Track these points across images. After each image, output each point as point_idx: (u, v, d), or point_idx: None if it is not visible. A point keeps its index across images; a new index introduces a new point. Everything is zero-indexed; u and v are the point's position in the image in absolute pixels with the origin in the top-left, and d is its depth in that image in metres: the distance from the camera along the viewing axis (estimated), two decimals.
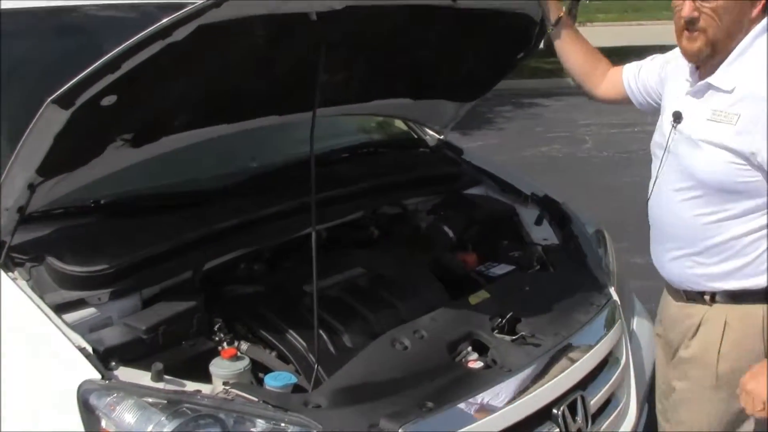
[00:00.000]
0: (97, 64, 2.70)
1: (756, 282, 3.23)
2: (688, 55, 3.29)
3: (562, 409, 3.38)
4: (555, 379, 3.42)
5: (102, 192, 3.61)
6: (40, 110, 2.76)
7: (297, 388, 3.16)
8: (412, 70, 4.28)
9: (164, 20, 2.75)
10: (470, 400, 3.20)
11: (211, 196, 3.88)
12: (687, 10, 3.15)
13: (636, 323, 4.34)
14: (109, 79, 2.74)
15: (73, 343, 2.90)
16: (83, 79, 2.71)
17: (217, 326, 3.40)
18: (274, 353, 3.39)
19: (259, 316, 3.49)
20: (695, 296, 3.41)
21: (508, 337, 3.57)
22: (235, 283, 3.73)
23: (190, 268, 3.51)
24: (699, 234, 3.28)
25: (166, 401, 2.75)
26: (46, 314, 3.01)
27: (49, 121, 2.81)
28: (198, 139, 3.75)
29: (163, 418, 2.66)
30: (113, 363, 2.93)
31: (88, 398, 2.75)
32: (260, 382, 3.16)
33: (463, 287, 3.95)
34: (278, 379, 3.08)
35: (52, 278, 3.19)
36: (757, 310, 3.25)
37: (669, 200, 3.38)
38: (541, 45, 4.21)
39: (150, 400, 2.75)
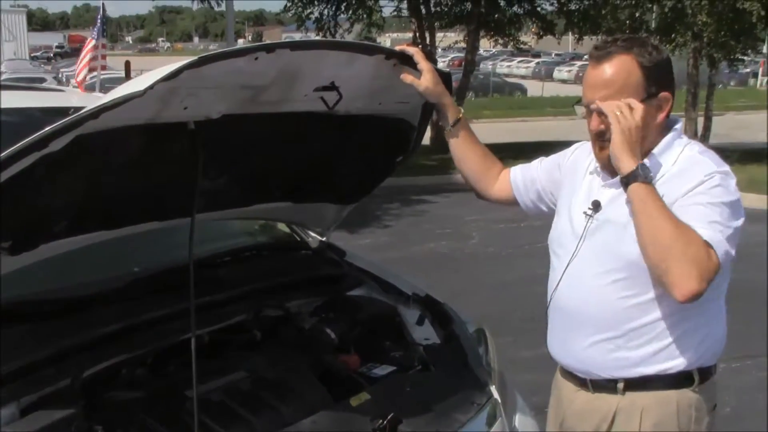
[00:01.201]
0: None
1: (670, 365, 3.31)
2: (602, 162, 3.46)
3: None
4: None
5: None
6: None
7: None
8: (291, 174, 4.32)
9: (40, 132, 2.78)
10: None
11: (92, 301, 3.86)
12: (594, 124, 3.36)
13: (518, 420, 4.38)
14: None
15: None
16: None
17: None
18: None
19: (141, 423, 3.47)
20: (605, 385, 3.45)
21: None
22: (116, 389, 3.71)
23: (69, 375, 3.48)
24: (622, 317, 3.34)
25: None
26: None
27: None
28: (77, 246, 3.74)
29: None
30: None
31: None
32: None
33: (345, 389, 3.98)
34: None
35: None
36: (669, 394, 3.33)
37: (590, 286, 3.43)
38: (427, 142, 4.29)
39: None
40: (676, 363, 3.30)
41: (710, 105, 26.47)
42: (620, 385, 3.40)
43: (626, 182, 3.20)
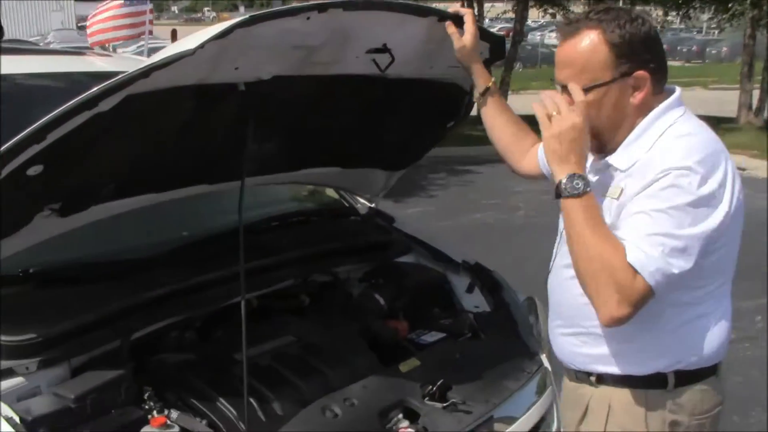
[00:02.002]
0: (22, 134, 2.70)
1: (637, 366, 3.09)
2: None
3: None
4: None
5: (31, 261, 3.60)
6: None
7: None
8: (341, 138, 4.31)
9: (91, 90, 2.76)
10: None
11: (141, 265, 3.87)
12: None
13: None
14: (35, 149, 2.75)
15: (1, 413, 2.89)
16: (8, 149, 2.71)
17: (146, 395, 3.38)
18: (204, 421, 3.37)
19: (189, 385, 3.47)
20: (583, 376, 3.27)
21: (439, 405, 3.58)
22: (165, 352, 3.72)
23: (119, 337, 3.49)
24: (583, 313, 3.10)
25: None
26: None
27: None
28: (127, 208, 3.74)
29: None
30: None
31: None
32: None
33: (394, 355, 3.96)
34: None
35: None
36: (638, 393, 3.10)
37: (559, 277, 3.27)
38: (474, 112, 4.23)
39: None
40: (644, 365, 3.07)
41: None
42: (592, 378, 3.22)
43: (556, 195, 2.98)
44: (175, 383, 3.51)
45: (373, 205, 5.13)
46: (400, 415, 3.54)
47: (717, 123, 20.27)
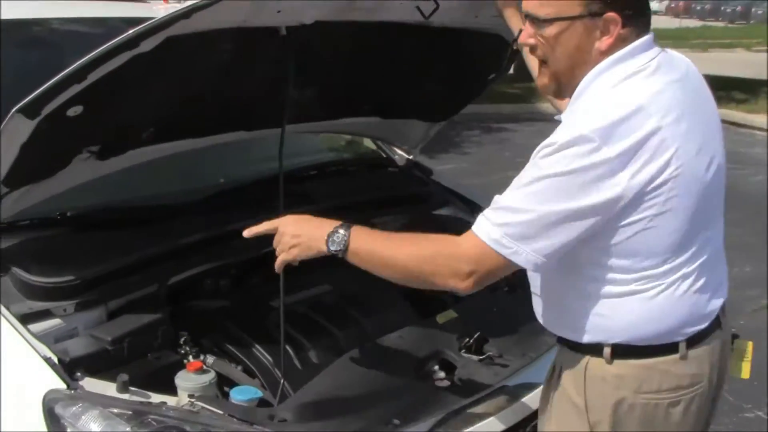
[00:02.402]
0: (63, 73, 2.68)
1: (577, 336, 2.85)
2: (541, 90, 2.98)
3: (528, 430, 3.37)
4: (522, 400, 3.39)
5: (68, 204, 3.59)
6: (6, 120, 2.74)
7: (263, 403, 3.15)
8: (381, 88, 4.27)
9: (131, 31, 2.73)
10: (437, 418, 3.18)
11: (179, 210, 3.87)
12: (524, 35, 2.82)
13: None
14: (75, 89, 2.73)
15: (39, 353, 2.88)
16: (49, 88, 2.69)
17: (182, 339, 3.38)
18: (240, 367, 3.38)
19: (226, 331, 3.48)
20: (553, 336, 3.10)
21: (475, 357, 3.56)
22: (201, 299, 3.71)
23: (155, 281, 3.49)
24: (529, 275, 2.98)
25: (131, 412, 2.72)
26: (11, 324, 3.00)
27: (15, 131, 2.79)
28: (165, 153, 3.73)
29: (128, 429, 2.63)
30: (79, 373, 2.92)
31: (53, 407, 2.73)
32: (226, 395, 3.15)
33: (430, 306, 3.94)
34: (244, 393, 3.06)
35: (17, 289, 3.18)
36: (578, 358, 2.88)
37: None
38: (511, 70, 4.18)
39: (115, 410, 2.72)
40: (581, 333, 2.82)
41: None
42: (554, 338, 3.04)
43: (340, 259, 2.87)
44: (211, 329, 3.53)
45: (411, 157, 5.08)
46: (436, 367, 3.52)
47: (758, 87, 20.24)
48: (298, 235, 2.94)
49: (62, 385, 2.79)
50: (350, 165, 5.12)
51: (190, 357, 3.33)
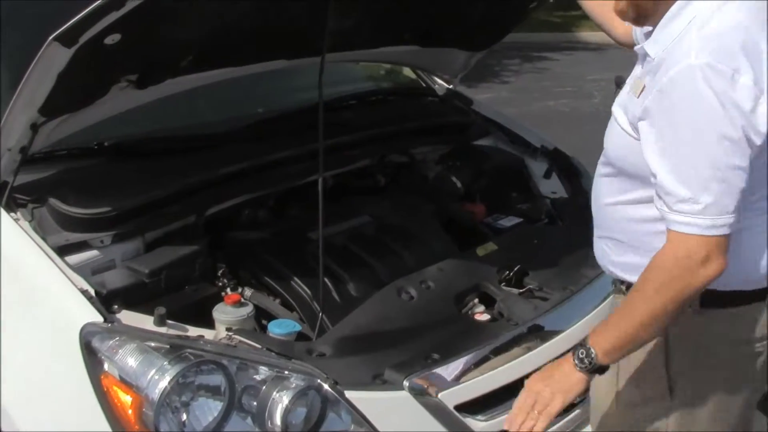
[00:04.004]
0: (100, 0, 2.63)
1: None
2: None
3: None
4: (562, 334, 3.36)
5: (106, 134, 3.58)
6: (43, 48, 2.70)
7: (301, 336, 3.14)
8: (422, 16, 4.20)
9: None
10: (476, 352, 3.16)
11: (217, 140, 3.85)
12: None
13: None
14: (113, 16, 2.67)
15: (76, 286, 2.87)
16: (86, 15, 2.64)
17: (220, 272, 3.38)
18: (278, 300, 3.37)
19: (264, 263, 3.46)
20: (617, 284, 2.93)
21: (515, 290, 3.54)
22: (239, 230, 3.69)
23: (193, 212, 3.48)
24: (606, 216, 2.81)
25: (168, 346, 2.71)
26: (48, 255, 2.98)
27: (52, 60, 2.75)
28: (204, 82, 3.69)
29: (165, 363, 2.62)
30: (116, 306, 2.91)
31: (90, 341, 2.72)
32: (263, 329, 3.14)
33: (470, 239, 3.91)
34: (282, 327, 3.05)
35: (54, 219, 3.17)
36: None
37: (594, 175, 2.91)
38: None
39: (152, 344, 2.71)
40: None
41: None
42: (623, 287, 2.84)
43: (595, 372, 2.57)
44: (249, 261, 3.50)
45: (451, 86, 5.03)
46: (476, 300, 3.51)
47: None
48: (551, 383, 2.61)
49: (99, 318, 2.77)
50: (390, 94, 5.08)
51: (228, 289, 3.33)
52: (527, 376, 2.87)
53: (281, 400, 2.67)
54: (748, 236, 2.52)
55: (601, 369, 2.56)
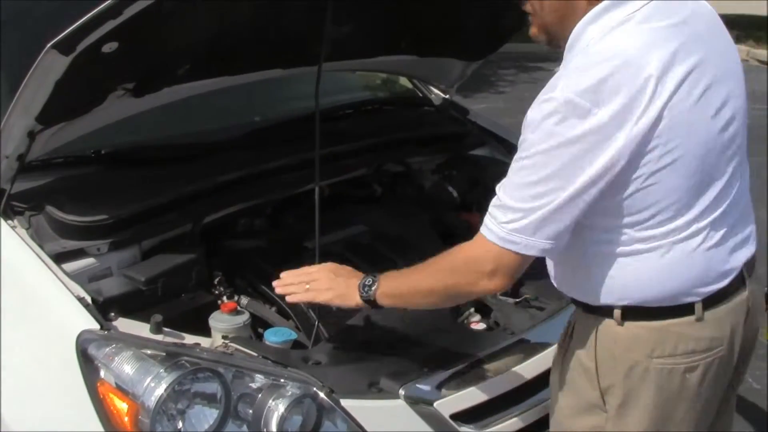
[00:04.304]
0: (98, 8, 2.64)
1: (590, 299, 2.72)
2: (534, 41, 2.74)
3: None
4: (557, 344, 3.36)
5: (103, 142, 3.60)
6: (40, 56, 2.71)
7: (297, 345, 3.15)
8: (419, 26, 4.21)
9: None
10: (472, 361, 3.16)
11: (213, 148, 3.86)
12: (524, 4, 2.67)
13: None
14: (111, 24, 2.69)
15: (72, 293, 2.88)
16: (84, 24, 2.65)
17: (216, 280, 3.39)
18: (274, 308, 3.38)
19: (260, 271, 3.47)
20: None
21: (511, 300, 3.54)
22: (235, 238, 3.70)
23: (190, 220, 3.49)
24: None
25: (164, 353, 2.72)
26: (45, 263, 3.00)
27: (50, 67, 2.76)
28: (200, 91, 3.71)
29: (161, 370, 2.62)
30: (112, 314, 2.92)
31: (87, 348, 2.72)
32: (260, 337, 3.15)
33: None
34: (278, 335, 3.06)
35: (51, 227, 3.18)
36: (590, 318, 2.75)
37: None
38: None
39: (149, 351, 2.71)
40: (593, 296, 2.69)
41: None
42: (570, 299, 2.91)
43: (373, 306, 2.86)
44: (245, 269, 3.52)
45: (447, 96, 5.04)
46: (472, 309, 3.51)
47: None
48: (336, 280, 2.94)
49: (96, 326, 2.78)
50: (386, 104, 5.09)
51: (225, 297, 3.34)
52: (523, 386, 2.89)
53: (277, 408, 2.67)
54: (669, 255, 2.54)
55: (376, 305, 2.84)
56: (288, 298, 3.00)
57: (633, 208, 2.48)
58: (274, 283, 3.04)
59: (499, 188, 2.52)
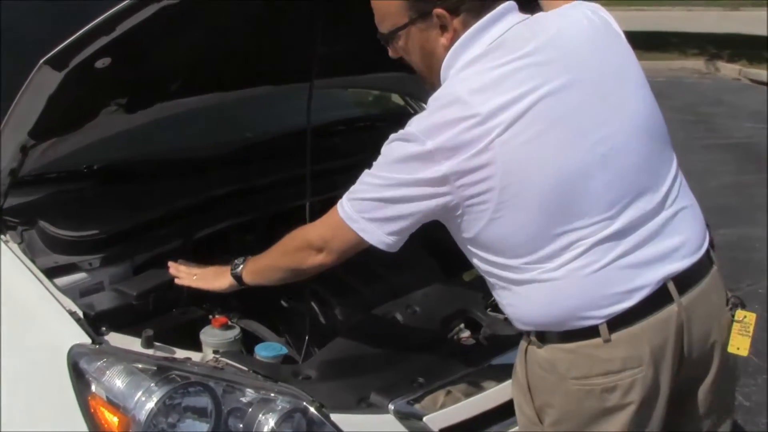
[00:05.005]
0: (91, 24, 2.65)
1: (511, 319, 2.85)
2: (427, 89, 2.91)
3: None
4: None
5: (95, 157, 3.61)
6: (33, 71, 2.72)
7: (287, 360, 3.16)
8: None
9: None
10: (462, 376, 3.17)
11: (206, 164, 3.87)
12: (390, 52, 2.93)
13: None
14: (103, 40, 2.70)
15: (64, 307, 2.88)
16: (77, 39, 2.66)
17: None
18: (265, 324, 3.38)
19: (251, 287, 3.47)
20: None
21: (501, 315, 3.54)
22: (226, 254, 3.70)
23: (181, 236, 3.50)
24: None
25: (155, 368, 2.72)
26: (37, 277, 3.00)
27: (42, 83, 2.77)
28: (193, 107, 3.73)
29: (152, 385, 2.63)
30: (104, 328, 2.91)
31: (78, 362, 2.72)
32: (250, 352, 3.15)
33: (457, 264, 3.92)
34: (269, 350, 3.07)
35: (43, 242, 3.20)
36: (523, 341, 2.84)
37: None
38: None
39: (140, 366, 2.71)
40: (512, 320, 2.81)
41: None
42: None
43: (241, 284, 3.15)
44: None
45: None
46: (462, 325, 3.51)
47: None
48: (214, 270, 3.24)
49: (87, 340, 2.78)
50: (378, 120, 5.09)
51: (216, 313, 3.33)
52: (512, 401, 2.91)
53: (267, 422, 2.67)
54: (540, 283, 2.59)
55: (242, 282, 3.12)
56: (176, 281, 3.26)
57: (492, 243, 2.59)
58: (169, 263, 3.30)
59: (365, 176, 2.77)
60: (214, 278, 3.19)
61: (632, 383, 2.62)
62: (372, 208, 2.67)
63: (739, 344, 2.84)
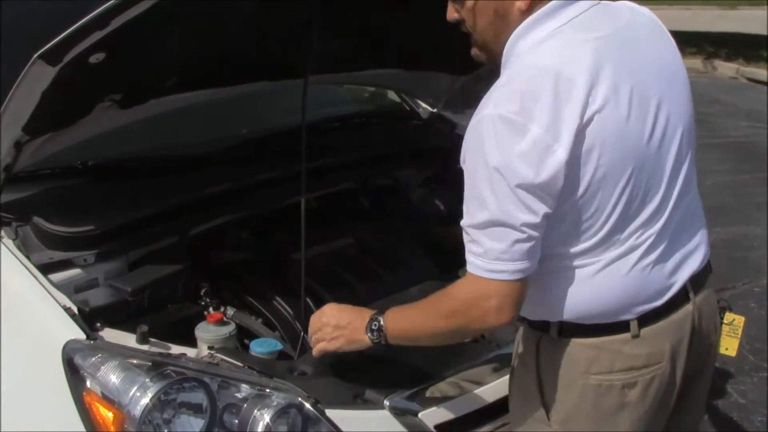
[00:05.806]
0: (85, 19, 2.64)
1: (530, 314, 2.74)
2: (477, 61, 2.76)
3: None
4: None
5: (90, 153, 3.59)
6: (27, 66, 2.70)
7: (282, 355, 3.15)
8: (407, 39, 4.20)
9: None
10: (457, 373, 3.18)
11: (201, 161, 3.86)
12: (449, 12, 2.67)
13: None
14: (98, 35, 2.68)
15: (59, 303, 2.87)
16: (71, 34, 2.65)
17: (203, 291, 3.39)
18: (260, 319, 3.39)
19: (246, 283, 3.48)
20: None
21: None
22: (222, 250, 3.71)
23: (177, 232, 3.49)
24: None
25: (150, 363, 2.71)
26: (31, 273, 2.99)
27: (36, 78, 2.75)
28: (188, 103, 3.71)
29: (147, 380, 2.62)
30: (98, 324, 2.91)
31: (73, 357, 2.72)
32: (246, 347, 3.14)
33: (452, 261, 3.92)
34: (264, 346, 3.06)
35: (38, 238, 3.18)
36: (533, 333, 2.78)
37: None
38: None
39: (134, 361, 2.71)
40: (528, 311, 2.67)
41: None
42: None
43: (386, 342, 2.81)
44: (231, 281, 3.54)
45: (434, 110, 5.05)
46: None
47: None
48: (342, 327, 2.91)
49: (82, 336, 2.77)
50: (374, 117, 5.09)
51: (211, 309, 3.35)
52: (507, 398, 2.90)
53: (262, 418, 2.67)
54: (602, 274, 2.54)
55: (388, 344, 2.80)
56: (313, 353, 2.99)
57: (566, 224, 2.47)
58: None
59: (464, 223, 2.49)
60: (347, 341, 2.90)
61: (652, 379, 2.62)
62: (508, 246, 2.42)
63: (728, 345, 2.93)
